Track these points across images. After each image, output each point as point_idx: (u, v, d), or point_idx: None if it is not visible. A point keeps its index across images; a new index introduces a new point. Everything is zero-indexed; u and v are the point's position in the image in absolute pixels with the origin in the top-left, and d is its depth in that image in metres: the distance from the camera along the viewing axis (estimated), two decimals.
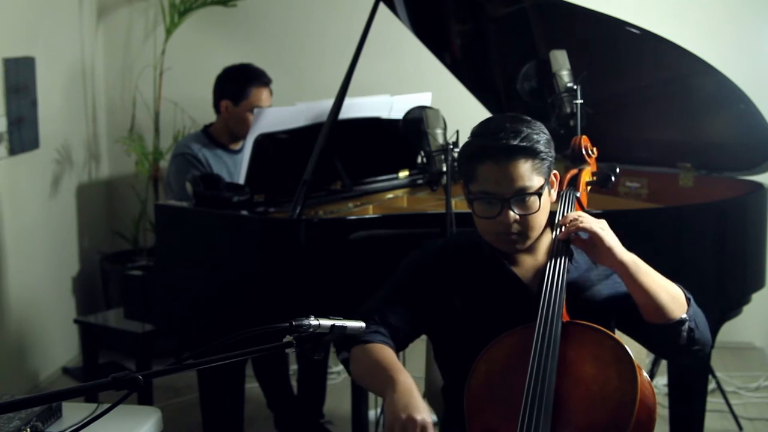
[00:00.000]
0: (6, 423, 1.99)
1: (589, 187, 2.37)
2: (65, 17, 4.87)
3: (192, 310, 3.19)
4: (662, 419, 3.49)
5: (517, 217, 2.09)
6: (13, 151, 4.23)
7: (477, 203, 2.13)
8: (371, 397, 3.47)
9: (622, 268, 2.04)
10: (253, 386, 4.04)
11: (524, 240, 2.13)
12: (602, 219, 2.10)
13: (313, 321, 1.66)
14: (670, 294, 2.06)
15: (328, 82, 3.89)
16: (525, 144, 2.07)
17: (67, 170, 4.83)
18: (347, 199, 3.47)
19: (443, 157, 2.85)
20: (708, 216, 3.15)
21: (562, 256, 2.09)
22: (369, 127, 3.60)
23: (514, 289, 2.17)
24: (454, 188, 2.82)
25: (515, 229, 2.10)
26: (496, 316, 2.14)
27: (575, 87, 2.98)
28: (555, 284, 2.04)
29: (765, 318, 4.77)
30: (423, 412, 1.92)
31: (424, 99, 3.77)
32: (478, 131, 2.16)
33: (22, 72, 4.31)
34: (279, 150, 3.35)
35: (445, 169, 2.84)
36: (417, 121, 2.96)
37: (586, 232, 2.06)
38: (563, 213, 2.20)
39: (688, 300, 2.10)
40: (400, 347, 2.23)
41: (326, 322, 1.68)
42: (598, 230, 2.04)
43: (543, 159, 2.10)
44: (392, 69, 4.95)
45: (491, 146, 2.08)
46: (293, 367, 4.24)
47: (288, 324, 1.65)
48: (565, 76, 3.08)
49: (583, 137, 2.45)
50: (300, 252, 2.96)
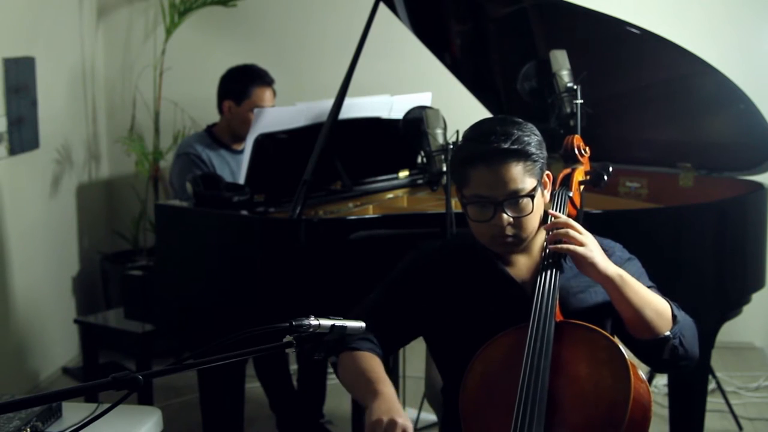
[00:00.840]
0: (6, 423, 1.99)
1: (582, 187, 2.37)
2: (65, 17, 4.87)
3: (192, 310, 3.19)
4: (662, 419, 3.49)
5: (511, 219, 2.09)
6: (13, 151, 4.23)
7: (470, 207, 2.13)
8: None
9: (606, 283, 2.04)
10: (253, 386, 4.04)
11: (519, 242, 2.13)
12: (589, 236, 2.06)
13: (313, 321, 1.66)
14: (655, 310, 2.06)
15: (328, 82, 3.89)
16: (516, 146, 2.07)
17: (67, 170, 4.83)
18: (347, 199, 3.47)
19: (443, 157, 2.85)
20: (708, 216, 3.15)
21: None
22: (369, 127, 3.60)
23: (508, 289, 2.17)
24: (454, 188, 2.82)
25: (509, 231, 2.10)
26: (491, 316, 2.14)
27: (575, 87, 2.98)
28: (548, 284, 2.04)
29: (765, 318, 4.77)
30: (404, 417, 1.91)
31: (424, 99, 3.77)
32: (469, 135, 2.16)
33: (22, 72, 4.31)
34: (279, 150, 3.35)
35: (445, 169, 2.84)
36: (417, 121, 2.96)
37: (569, 253, 2.04)
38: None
39: (674, 317, 2.08)
40: (391, 351, 2.23)
41: (326, 322, 1.68)
42: (579, 251, 2.02)
43: (535, 161, 2.10)
44: (392, 69, 4.94)
45: (482, 150, 2.08)
46: (293, 367, 4.23)
47: (288, 324, 1.65)
48: (565, 76, 3.07)
49: (576, 136, 2.44)
50: (300, 252, 2.96)
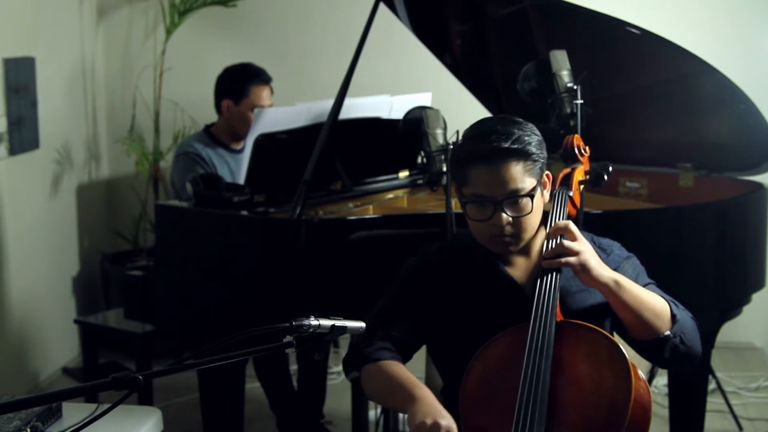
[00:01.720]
0: (6, 423, 1.99)
1: (582, 186, 2.37)
2: (65, 17, 4.87)
3: (192, 310, 3.19)
4: (662, 419, 3.49)
5: (510, 219, 2.09)
6: (13, 151, 4.23)
7: (470, 206, 2.13)
8: None
9: (603, 289, 2.04)
10: (253, 386, 4.04)
11: (517, 242, 2.13)
12: (584, 243, 2.05)
13: (313, 321, 1.66)
14: (653, 311, 2.06)
15: (328, 82, 3.89)
16: (516, 146, 2.06)
17: (67, 170, 4.83)
18: (347, 199, 3.47)
19: (443, 157, 2.85)
20: (708, 216, 3.15)
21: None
22: (369, 127, 3.60)
23: (508, 289, 2.17)
24: (453, 188, 2.82)
25: (508, 231, 2.10)
26: (491, 317, 2.14)
27: (575, 87, 2.97)
28: (549, 284, 2.04)
29: (765, 318, 4.77)
30: (448, 418, 1.92)
31: (424, 99, 3.77)
32: (469, 134, 2.15)
33: (22, 72, 4.31)
34: (279, 150, 3.35)
35: (445, 169, 2.84)
36: (417, 121, 2.96)
37: (567, 266, 2.04)
38: (556, 213, 2.19)
39: (673, 316, 2.09)
40: (406, 358, 2.23)
41: (326, 322, 1.68)
42: (572, 262, 2.02)
43: (535, 160, 2.10)
44: (392, 69, 4.95)
45: (482, 149, 2.08)
46: (293, 367, 4.23)
47: (288, 324, 1.65)
48: (565, 76, 3.07)
49: (576, 136, 2.44)
50: (300, 252, 2.96)
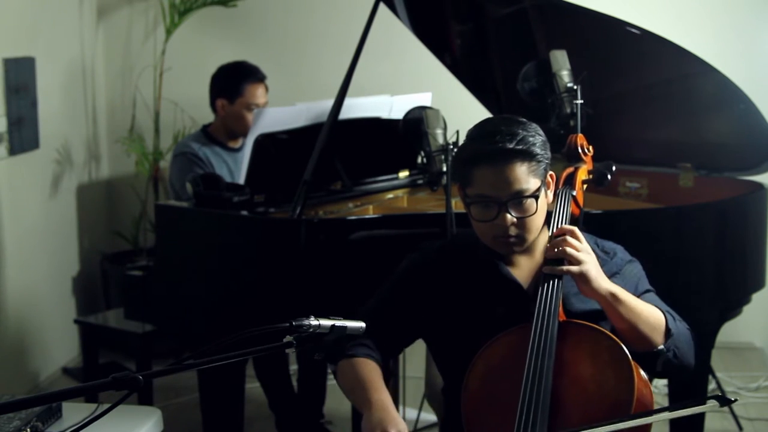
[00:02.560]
0: (6, 423, 1.99)
1: (585, 186, 2.37)
2: (65, 17, 4.87)
3: (192, 310, 3.19)
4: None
5: (515, 219, 2.09)
6: (13, 151, 4.23)
7: (474, 207, 2.13)
8: None
9: (601, 301, 2.04)
10: (253, 386, 4.03)
11: (522, 242, 2.13)
12: (589, 253, 2.05)
13: (313, 321, 1.66)
14: (649, 325, 2.06)
15: (328, 82, 3.89)
16: (521, 147, 2.06)
17: (67, 170, 4.83)
18: (347, 199, 3.47)
19: (443, 157, 2.85)
20: (708, 216, 3.14)
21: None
22: (369, 127, 3.60)
23: (510, 289, 2.17)
24: (454, 188, 2.81)
25: (513, 231, 2.10)
26: (493, 316, 2.14)
27: (575, 87, 2.98)
28: (551, 284, 2.04)
29: (765, 318, 4.76)
30: (398, 425, 1.92)
31: (424, 99, 3.77)
32: (474, 134, 2.15)
33: (22, 72, 4.31)
34: (279, 150, 3.35)
35: (445, 169, 2.84)
36: (417, 121, 2.96)
37: (569, 274, 2.04)
38: (559, 213, 2.19)
39: (668, 330, 2.08)
40: (394, 353, 2.22)
41: (326, 322, 1.68)
42: (573, 271, 2.02)
43: (539, 161, 2.10)
44: (392, 69, 4.94)
45: (487, 150, 2.07)
46: (293, 367, 4.23)
47: (288, 324, 1.65)
48: (565, 76, 3.08)
49: (579, 135, 2.44)
50: (300, 252, 2.96)
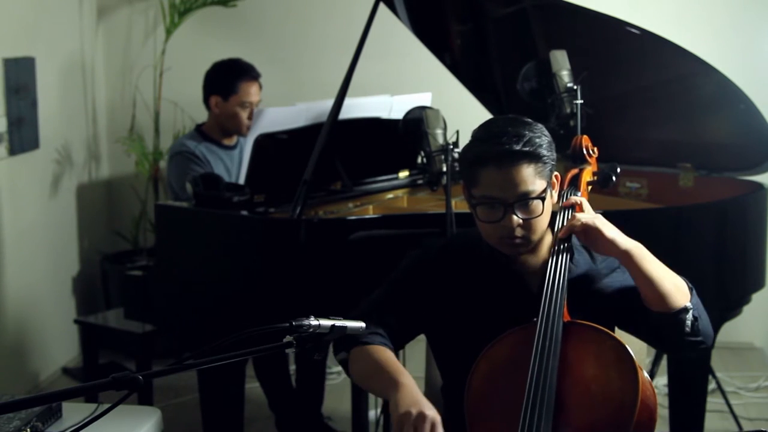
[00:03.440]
0: (6, 423, 1.99)
1: (590, 187, 2.37)
2: (65, 17, 4.87)
3: (192, 310, 3.19)
4: (662, 419, 3.48)
5: (521, 221, 2.08)
6: (13, 151, 4.23)
7: (480, 208, 2.12)
8: (371, 398, 3.47)
9: (625, 257, 2.04)
10: (253, 386, 4.03)
11: (527, 243, 2.13)
12: (598, 214, 2.10)
13: (313, 321, 1.66)
14: (673, 283, 2.07)
15: (328, 82, 3.89)
16: (528, 148, 2.06)
17: (67, 170, 4.83)
18: (347, 199, 3.47)
19: (443, 157, 2.85)
20: (708, 216, 3.15)
21: (563, 255, 2.09)
22: (369, 127, 3.60)
23: (514, 288, 2.17)
24: (454, 188, 2.82)
25: (519, 233, 2.10)
26: (497, 315, 2.14)
27: (575, 87, 2.98)
28: (556, 284, 2.04)
29: (765, 318, 4.76)
30: (433, 410, 1.93)
31: (424, 99, 3.77)
32: (480, 135, 2.14)
33: (22, 72, 4.31)
34: (279, 150, 3.35)
35: (445, 169, 2.84)
36: (417, 122, 2.96)
37: (586, 228, 2.05)
38: (564, 214, 2.20)
39: (690, 289, 2.11)
40: (397, 347, 2.23)
41: (326, 322, 1.68)
42: (596, 225, 2.04)
43: (545, 162, 2.09)
44: (392, 69, 4.94)
45: (494, 151, 2.06)
46: (293, 367, 4.23)
47: (288, 324, 1.65)
48: (565, 76, 3.08)
49: (584, 137, 2.45)
50: (300, 252, 2.96)
